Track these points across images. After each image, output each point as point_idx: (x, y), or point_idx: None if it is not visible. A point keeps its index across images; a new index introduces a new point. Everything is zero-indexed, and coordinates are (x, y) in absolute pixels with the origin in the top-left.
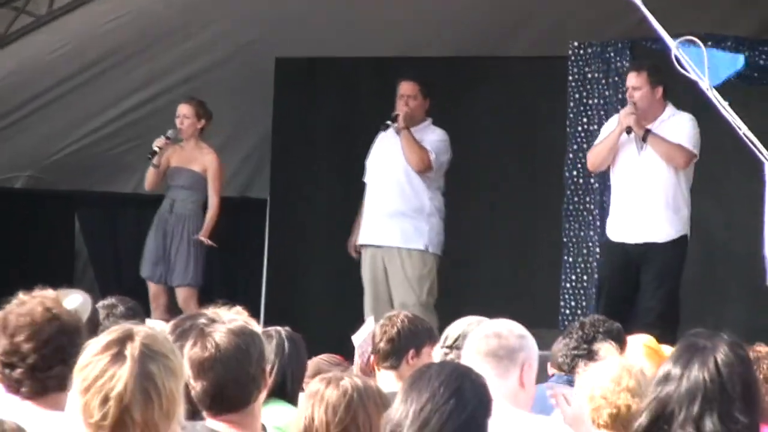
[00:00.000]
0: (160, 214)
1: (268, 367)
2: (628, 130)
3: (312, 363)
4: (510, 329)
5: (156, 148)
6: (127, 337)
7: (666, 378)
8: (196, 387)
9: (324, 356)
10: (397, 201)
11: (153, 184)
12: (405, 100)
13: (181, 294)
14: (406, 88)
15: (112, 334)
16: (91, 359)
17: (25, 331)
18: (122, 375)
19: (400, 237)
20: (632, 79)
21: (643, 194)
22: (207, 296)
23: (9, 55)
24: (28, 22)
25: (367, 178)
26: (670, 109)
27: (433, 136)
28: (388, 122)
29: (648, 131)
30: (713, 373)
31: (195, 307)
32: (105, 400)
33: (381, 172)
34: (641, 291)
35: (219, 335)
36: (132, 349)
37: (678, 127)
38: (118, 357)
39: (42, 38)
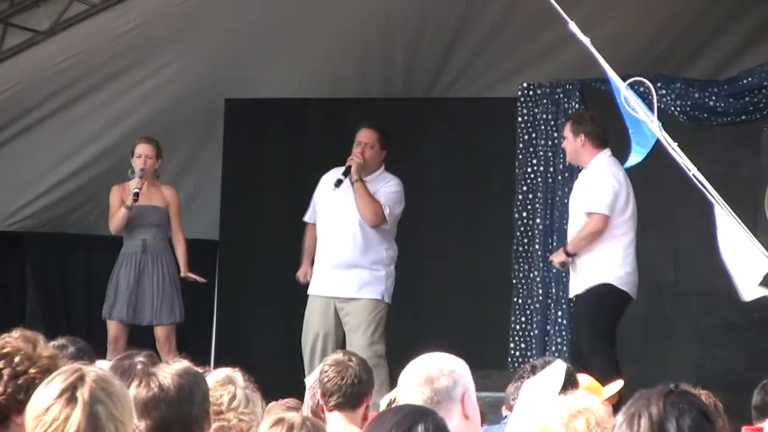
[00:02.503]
0: (129, 255)
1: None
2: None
3: (268, 408)
4: (439, 368)
5: (137, 189)
6: (78, 379)
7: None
8: (140, 426)
9: (280, 401)
10: (352, 253)
11: (121, 226)
12: (362, 147)
13: (165, 331)
14: (365, 135)
15: (64, 376)
16: (45, 403)
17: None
18: (75, 417)
19: (356, 287)
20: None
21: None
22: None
23: None
24: None
25: (319, 228)
26: (602, 156)
27: (386, 188)
28: (341, 177)
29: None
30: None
31: (174, 344)
32: None
33: (335, 223)
34: None
35: (163, 375)
36: (83, 392)
37: (593, 182)
38: (71, 400)
39: None
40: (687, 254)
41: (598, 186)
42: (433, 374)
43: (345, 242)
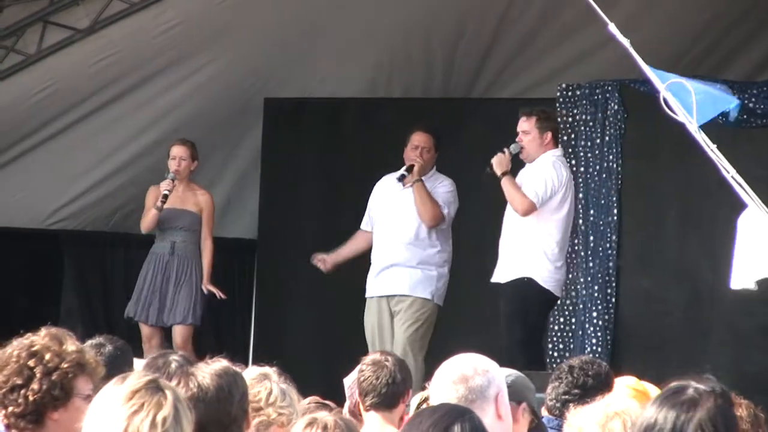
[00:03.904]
0: (157, 255)
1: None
2: (490, 167)
3: (301, 407)
4: (474, 367)
5: (167, 192)
6: (157, 379)
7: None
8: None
9: (308, 399)
10: (406, 252)
11: (153, 226)
12: (420, 151)
13: (182, 333)
14: (422, 139)
15: (143, 379)
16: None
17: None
18: (167, 403)
19: (407, 286)
20: (522, 124)
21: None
22: (196, 336)
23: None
24: (18, 61)
25: (375, 228)
26: (548, 155)
27: (441, 188)
28: (404, 172)
29: (505, 174)
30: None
31: (191, 346)
32: (153, 423)
33: (390, 223)
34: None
35: (201, 375)
36: (167, 388)
37: (534, 172)
38: (157, 390)
39: (28, 78)
40: (725, 257)
41: (538, 177)
42: (468, 373)
43: (400, 242)
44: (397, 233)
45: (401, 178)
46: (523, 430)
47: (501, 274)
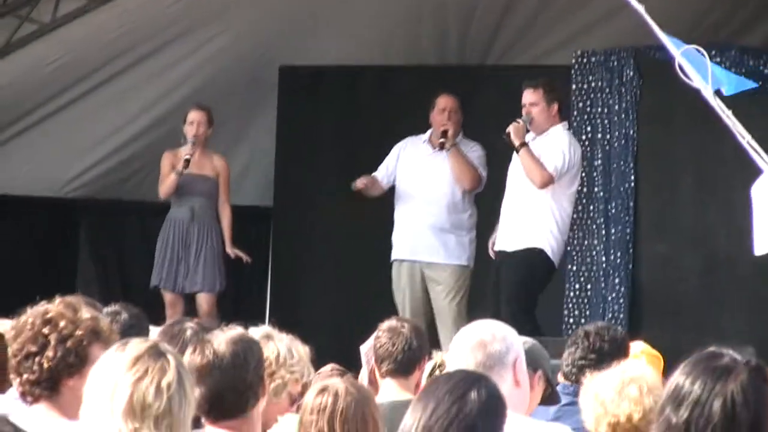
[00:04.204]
0: (177, 222)
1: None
2: (508, 136)
3: (322, 374)
4: (492, 333)
5: (188, 157)
6: (157, 344)
7: (682, 398)
8: (195, 393)
9: (327, 368)
10: (441, 218)
11: (171, 192)
12: (448, 114)
13: (206, 300)
14: (448, 101)
15: (144, 345)
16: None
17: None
18: (170, 368)
19: (444, 253)
20: (529, 96)
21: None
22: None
23: (11, 64)
24: (32, 31)
25: (405, 192)
26: (558, 127)
27: (473, 153)
28: (443, 140)
29: (523, 144)
30: (729, 406)
31: (216, 313)
32: (158, 388)
33: (424, 188)
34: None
35: (217, 342)
36: (168, 352)
37: (551, 145)
38: (160, 356)
39: (42, 48)
40: (741, 223)
41: (557, 151)
42: (487, 339)
43: (434, 208)
44: (431, 197)
45: (441, 146)
46: (538, 398)
47: (508, 243)
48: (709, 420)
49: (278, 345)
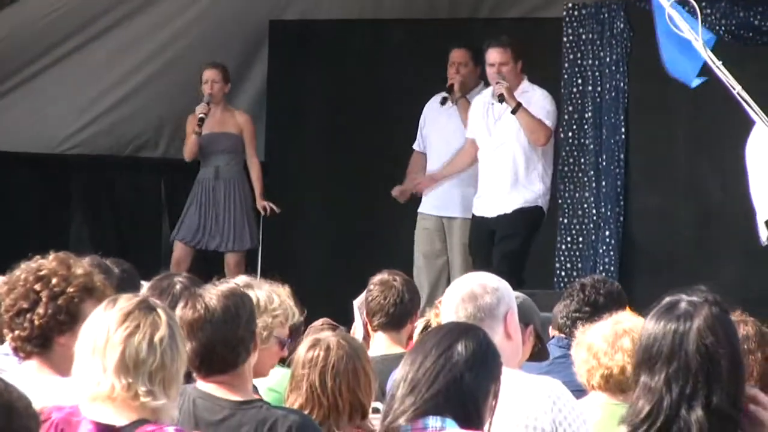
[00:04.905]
0: (202, 183)
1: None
2: (501, 98)
3: (312, 328)
4: (482, 285)
5: (203, 115)
6: (147, 299)
7: (654, 360)
8: (186, 348)
9: (318, 322)
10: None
11: (194, 153)
12: (456, 67)
13: (234, 259)
14: (457, 55)
15: (134, 300)
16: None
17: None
18: (162, 322)
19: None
20: (499, 56)
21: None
22: (206, 260)
23: (3, 19)
24: None
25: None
26: (525, 82)
27: (540, 103)
28: (446, 95)
29: (519, 104)
30: (702, 349)
31: (243, 271)
32: (151, 343)
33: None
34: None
35: (209, 296)
36: (158, 307)
37: (536, 102)
38: (150, 311)
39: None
40: (734, 174)
41: (542, 106)
42: (477, 291)
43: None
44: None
45: (444, 101)
46: (527, 354)
47: (506, 204)
48: (689, 368)
49: (257, 293)
